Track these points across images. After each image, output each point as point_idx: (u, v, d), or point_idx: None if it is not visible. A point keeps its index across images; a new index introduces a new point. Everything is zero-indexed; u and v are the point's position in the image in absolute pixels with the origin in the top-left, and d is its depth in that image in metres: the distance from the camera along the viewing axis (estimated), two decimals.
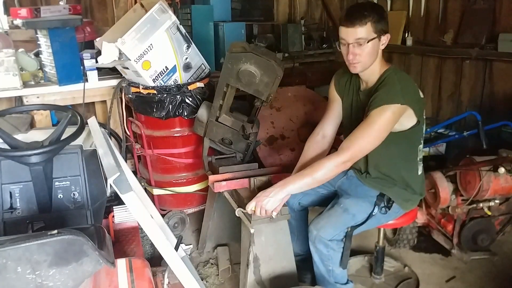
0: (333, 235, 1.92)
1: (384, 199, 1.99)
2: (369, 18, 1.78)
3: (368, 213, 1.97)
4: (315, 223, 1.97)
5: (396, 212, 2.05)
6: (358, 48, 1.81)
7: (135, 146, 2.86)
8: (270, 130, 3.02)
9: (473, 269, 2.58)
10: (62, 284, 1.14)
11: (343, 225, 1.94)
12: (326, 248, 1.93)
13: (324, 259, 1.97)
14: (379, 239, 2.35)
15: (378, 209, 1.98)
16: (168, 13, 2.56)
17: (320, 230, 1.92)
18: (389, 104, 1.77)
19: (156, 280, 1.73)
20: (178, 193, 2.90)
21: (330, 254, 1.95)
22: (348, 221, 1.95)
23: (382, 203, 1.99)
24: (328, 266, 1.99)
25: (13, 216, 1.88)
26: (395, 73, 1.87)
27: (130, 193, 1.48)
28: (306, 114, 3.10)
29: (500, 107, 3.53)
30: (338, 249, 1.96)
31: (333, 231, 1.92)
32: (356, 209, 1.96)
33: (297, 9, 4.70)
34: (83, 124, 1.96)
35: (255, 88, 2.05)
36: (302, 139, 3.07)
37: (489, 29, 3.56)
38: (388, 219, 2.07)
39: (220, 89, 2.16)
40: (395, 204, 2.01)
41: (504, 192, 2.50)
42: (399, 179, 2.01)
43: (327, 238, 1.91)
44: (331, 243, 1.93)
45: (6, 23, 3.30)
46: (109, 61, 2.51)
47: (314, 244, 1.95)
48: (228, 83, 2.10)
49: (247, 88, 2.06)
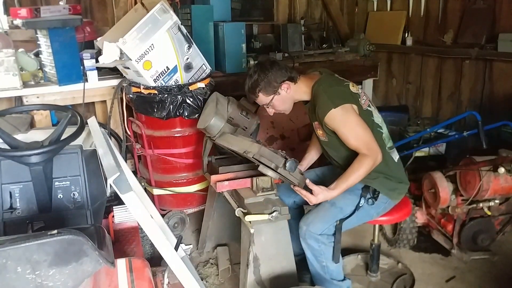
0: (323, 229, 1.99)
1: (369, 190, 2.05)
2: (257, 89, 2.06)
3: (355, 205, 2.03)
4: (304, 219, 2.04)
5: (384, 202, 2.09)
6: (271, 107, 2.14)
7: (135, 146, 2.87)
8: (270, 130, 3.02)
9: (473, 269, 2.58)
10: (62, 284, 1.14)
11: (332, 218, 2.01)
12: (317, 242, 1.99)
13: (317, 255, 2.02)
14: (374, 236, 2.36)
15: (365, 200, 2.04)
16: (170, 13, 2.56)
17: (309, 225, 2.00)
18: (326, 114, 1.96)
19: (156, 280, 1.73)
20: (178, 193, 2.90)
21: (322, 249, 2.01)
22: (336, 214, 2.02)
23: (368, 194, 2.05)
24: (321, 262, 2.03)
25: (13, 216, 1.88)
26: (319, 85, 2.04)
27: (130, 193, 1.48)
28: (306, 114, 3.10)
29: (500, 107, 3.53)
30: (329, 243, 2.01)
31: (322, 225, 1.99)
32: (343, 202, 2.03)
33: (297, 9, 4.70)
34: (83, 124, 1.96)
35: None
36: (302, 139, 3.07)
37: (489, 29, 3.57)
38: (377, 210, 2.11)
39: None
40: (381, 194, 2.06)
41: (504, 192, 2.50)
42: (378, 170, 2.04)
43: (317, 232, 1.98)
44: (321, 237, 1.99)
45: (6, 23, 3.30)
46: (110, 61, 2.51)
47: (305, 239, 2.02)
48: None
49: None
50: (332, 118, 1.96)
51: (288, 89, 2.08)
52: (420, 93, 4.34)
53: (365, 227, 2.71)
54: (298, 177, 1.93)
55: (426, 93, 4.28)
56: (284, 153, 1.91)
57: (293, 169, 1.85)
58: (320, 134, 2.14)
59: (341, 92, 2.02)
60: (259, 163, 1.90)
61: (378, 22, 4.63)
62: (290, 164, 1.83)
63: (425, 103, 4.31)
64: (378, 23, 4.63)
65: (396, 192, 2.11)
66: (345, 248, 2.80)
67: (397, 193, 2.12)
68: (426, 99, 4.29)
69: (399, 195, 2.14)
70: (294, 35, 4.18)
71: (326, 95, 1.98)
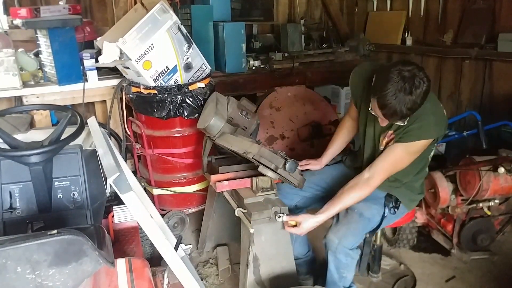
0: (354, 243, 1.90)
1: (392, 199, 1.98)
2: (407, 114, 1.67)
3: (381, 215, 1.96)
4: (334, 231, 1.92)
5: (402, 212, 2.05)
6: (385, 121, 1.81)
7: (135, 146, 2.87)
8: (270, 130, 3.02)
9: (473, 269, 2.58)
10: (62, 284, 1.14)
11: (362, 231, 1.93)
12: (346, 257, 1.91)
13: (340, 268, 1.94)
14: (377, 238, 2.35)
15: (388, 210, 1.97)
16: (169, 13, 2.56)
17: (342, 238, 1.88)
18: (421, 140, 1.75)
19: (156, 280, 1.73)
20: (178, 193, 2.90)
21: (348, 263, 1.93)
22: (366, 226, 1.94)
23: (390, 204, 1.98)
24: (342, 273, 1.96)
25: (13, 216, 1.88)
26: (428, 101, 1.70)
27: (130, 193, 1.48)
28: (306, 114, 3.10)
29: (500, 107, 3.53)
30: (356, 257, 1.94)
31: (354, 239, 1.90)
32: (370, 212, 1.94)
33: (297, 9, 4.70)
34: (83, 124, 1.96)
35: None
36: (302, 139, 3.07)
37: (489, 29, 3.56)
38: (395, 219, 2.07)
39: None
40: (401, 204, 2.01)
41: (504, 192, 2.50)
42: (406, 182, 2.00)
43: (349, 247, 1.88)
44: (352, 252, 1.90)
45: (6, 23, 3.30)
46: (110, 61, 2.50)
47: (334, 254, 1.90)
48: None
49: None
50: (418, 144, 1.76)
51: None
52: None
53: None
54: (298, 178, 1.93)
55: None
56: (284, 153, 1.90)
57: (293, 170, 1.85)
58: (383, 143, 1.92)
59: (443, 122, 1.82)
60: (259, 164, 1.90)
61: (378, 22, 4.63)
62: (290, 164, 1.83)
63: None
64: (378, 23, 4.63)
65: (413, 202, 2.08)
66: None
67: (414, 204, 2.09)
68: None
69: (414, 205, 2.11)
70: (294, 35, 4.18)
71: (434, 118, 1.74)
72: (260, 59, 3.82)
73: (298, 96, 3.16)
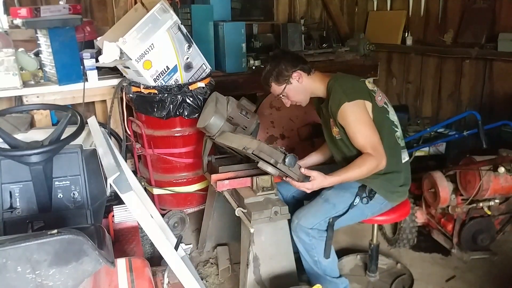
0: (314, 224, 1.99)
1: (366, 189, 2.04)
2: (270, 79, 2.10)
3: (349, 203, 2.02)
4: (296, 213, 2.05)
5: (381, 203, 2.07)
6: (285, 98, 2.16)
7: (135, 146, 2.87)
8: (270, 129, 3.02)
9: (473, 269, 2.58)
10: (62, 284, 1.14)
11: (323, 214, 2.01)
12: (308, 236, 2.00)
13: (308, 249, 2.03)
14: (373, 236, 2.36)
15: (360, 199, 2.03)
16: (170, 13, 2.56)
17: (300, 219, 2.01)
18: (339, 107, 1.94)
19: (156, 279, 1.73)
20: (178, 193, 2.90)
21: (313, 243, 2.01)
22: (329, 211, 2.02)
23: (363, 194, 2.03)
24: (313, 256, 2.04)
25: (13, 215, 1.88)
26: (335, 81, 2.04)
27: (130, 193, 1.48)
28: (306, 113, 3.10)
29: (500, 107, 3.53)
30: (320, 238, 2.01)
31: (314, 220, 2.00)
32: (337, 199, 2.03)
33: (297, 9, 4.70)
34: (83, 123, 1.96)
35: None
36: (302, 138, 3.07)
37: (489, 28, 3.56)
38: (372, 210, 2.09)
39: None
40: (378, 195, 2.04)
41: (504, 191, 2.50)
42: (384, 173, 2.02)
43: (307, 226, 1.99)
44: (312, 231, 1.99)
45: (6, 23, 3.30)
46: (110, 61, 2.51)
47: (296, 233, 2.03)
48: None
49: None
50: (344, 112, 1.93)
51: (300, 78, 2.08)
52: (420, 93, 4.34)
53: (364, 226, 2.72)
54: (297, 173, 1.93)
55: (426, 93, 4.28)
56: (283, 149, 1.90)
57: (292, 164, 1.85)
58: (335, 132, 2.08)
59: (357, 87, 2.02)
60: (258, 159, 1.90)
61: (378, 22, 4.62)
62: (289, 159, 1.83)
63: (425, 102, 4.31)
64: (378, 22, 4.63)
65: (395, 194, 2.09)
66: (344, 248, 2.80)
67: (397, 196, 2.11)
68: (426, 99, 4.29)
69: (398, 198, 2.13)
70: (294, 35, 4.18)
71: (341, 89, 1.97)
72: (260, 58, 3.81)
73: None
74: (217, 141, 2.24)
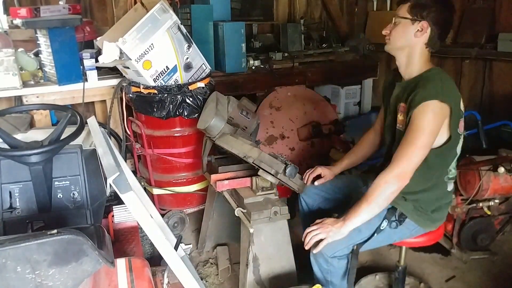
0: (335, 251, 1.77)
1: (395, 213, 1.82)
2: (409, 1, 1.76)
3: (375, 228, 1.80)
4: None
5: (411, 229, 1.86)
6: (393, 26, 1.81)
7: (135, 146, 2.87)
8: (270, 130, 3.02)
9: (473, 269, 2.58)
10: (62, 284, 1.14)
11: (347, 240, 1.77)
12: (326, 263, 1.79)
13: (324, 272, 1.83)
14: (401, 258, 2.16)
15: (388, 224, 1.81)
16: (169, 13, 2.56)
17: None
18: (426, 100, 1.67)
19: (156, 279, 1.73)
20: (178, 193, 2.90)
21: (330, 269, 1.81)
22: (353, 237, 1.77)
23: (392, 217, 1.81)
24: (326, 277, 1.84)
25: (13, 215, 1.88)
26: (439, 72, 1.78)
27: (130, 193, 1.48)
28: (306, 113, 3.10)
29: (500, 107, 3.53)
30: (339, 267, 1.81)
31: (335, 247, 1.76)
32: (363, 224, 1.74)
33: (297, 9, 4.70)
34: (83, 123, 1.96)
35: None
36: (301, 138, 3.07)
37: (489, 28, 3.57)
38: (401, 235, 1.88)
39: None
40: (408, 219, 1.83)
41: (504, 191, 2.50)
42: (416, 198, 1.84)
43: (328, 254, 1.76)
44: (332, 260, 1.78)
45: (6, 23, 3.30)
46: (110, 61, 2.50)
47: (314, 256, 1.81)
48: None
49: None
50: (426, 107, 1.66)
51: (420, 32, 1.76)
52: None
53: None
54: (298, 183, 1.91)
55: None
56: (284, 157, 1.88)
57: (293, 175, 1.83)
58: (400, 121, 1.83)
59: (456, 95, 1.76)
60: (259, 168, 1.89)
61: (378, 22, 4.62)
62: (290, 170, 1.81)
63: None
64: (378, 23, 4.63)
65: (429, 221, 1.87)
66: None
67: (431, 222, 1.88)
68: None
69: (433, 223, 1.89)
70: (293, 35, 4.19)
71: (441, 84, 1.72)
72: (260, 59, 3.82)
73: (298, 96, 3.16)
74: (218, 143, 2.24)
